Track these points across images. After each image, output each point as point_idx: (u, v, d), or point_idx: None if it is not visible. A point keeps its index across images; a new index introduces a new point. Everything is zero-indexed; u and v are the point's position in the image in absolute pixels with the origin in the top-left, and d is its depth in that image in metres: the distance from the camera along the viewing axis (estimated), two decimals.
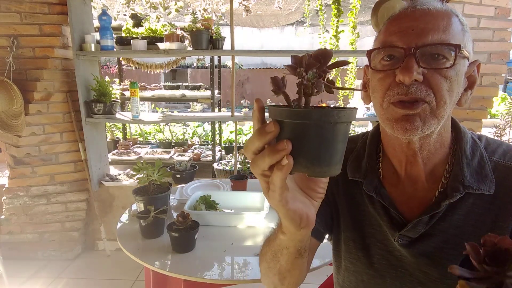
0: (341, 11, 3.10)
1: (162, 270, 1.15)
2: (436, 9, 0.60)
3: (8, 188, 2.52)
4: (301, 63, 0.43)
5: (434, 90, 0.58)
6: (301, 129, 0.41)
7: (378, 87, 0.63)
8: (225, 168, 3.01)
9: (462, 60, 0.60)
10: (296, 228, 0.51)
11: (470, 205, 0.64)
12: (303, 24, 5.22)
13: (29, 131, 2.41)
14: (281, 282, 0.68)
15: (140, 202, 1.48)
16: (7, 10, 2.28)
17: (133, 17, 3.04)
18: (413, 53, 0.57)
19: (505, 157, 0.66)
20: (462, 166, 0.65)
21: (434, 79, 0.58)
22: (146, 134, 4.80)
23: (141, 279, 2.38)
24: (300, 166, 0.42)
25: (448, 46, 0.57)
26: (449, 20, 0.59)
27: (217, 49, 2.45)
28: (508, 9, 2.21)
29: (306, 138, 0.41)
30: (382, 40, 0.63)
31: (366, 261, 0.72)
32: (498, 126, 3.53)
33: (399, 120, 0.60)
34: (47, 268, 2.52)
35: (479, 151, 0.67)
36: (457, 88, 0.61)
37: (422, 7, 0.60)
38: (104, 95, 2.42)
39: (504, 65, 2.27)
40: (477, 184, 0.63)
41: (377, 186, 0.70)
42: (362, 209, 0.73)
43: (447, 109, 0.60)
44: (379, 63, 0.63)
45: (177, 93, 3.53)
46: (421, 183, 0.68)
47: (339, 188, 0.77)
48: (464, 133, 0.68)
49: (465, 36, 0.61)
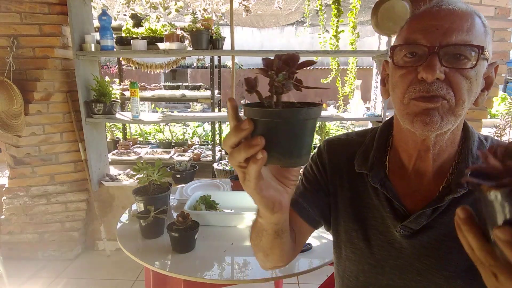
0: (341, 11, 3.09)
1: (162, 270, 1.15)
2: (461, 9, 0.61)
3: (8, 188, 2.52)
4: (271, 66, 0.48)
5: (454, 89, 0.60)
6: (273, 126, 0.46)
7: (399, 83, 0.64)
8: (225, 168, 3.01)
9: (482, 61, 0.61)
10: (270, 212, 0.55)
11: (472, 202, 0.65)
12: (303, 24, 5.22)
13: (29, 131, 2.41)
14: (265, 258, 0.73)
15: (140, 202, 1.48)
16: (7, 10, 2.28)
17: (133, 17, 3.04)
18: (437, 52, 0.58)
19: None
20: (468, 164, 0.67)
21: (455, 78, 0.60)
22: (146, 134, 4.80)
23: (141, 279, 2.38)
24: (273, 158, 0.47)
25: (471, 47, 0.59)
26: (473, 21, 0.60)
27: (217, 49, 2.45)
28: (508, 9, 2.21)
29: (278, 134, 0.46)
30: (406, 36, 0.63)
31: (367, 251, 0.74)
32: (498, 126, 3.52)
33: (420, 114, 0.61)
34: (47, 268, 2.52)
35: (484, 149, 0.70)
36: (476, 88, 0.62)
37: (448, 6, 0.61)
38: (104, 95, 2.42)
39: (504, 65, 2.28)
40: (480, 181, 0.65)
41: (382, 179, 0.72)
42: (367, 201, 0.75)
43: (465, 108, 0.62)
44: (402, 59, 0.64)
45: (177, 93, 3.53)
46: (427, 178, 0.70)
47: (343, 181, 0.79)
48: (472, 133, 0.71)
49: (487, 38, 0.62)
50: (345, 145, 0.82)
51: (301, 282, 2.35)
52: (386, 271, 0.73)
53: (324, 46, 3.44)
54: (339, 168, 0.80)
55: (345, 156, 0.80)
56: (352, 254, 0.77)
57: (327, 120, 3.54)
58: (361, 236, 0.75)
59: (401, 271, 0.71)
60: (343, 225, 0.79)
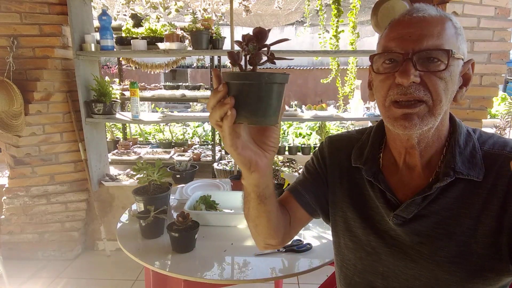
0: (341, 11, 3.10)
1: (162, 270, 1.15)
2: (431, 15, 0.66)
3: (8, 188, 2.52)
4: (244, 39, 0.56)
5: (431, 90, 0.65)
6: (242, 88, 0.54)
7: (380, 88, 0.70)
8: (225, 168, 3.01)
9: (455, 62, 0.66)
10: (247, 171, 0.63)
11: (461, 190, 0.70)
12: (303, 24, 5.22)
13: (29, 131, 2.41)
14: (255, 230, 0.81)
15: (140, 202, 1.48)
16: (7, 10, 2.28)
17: (133, 17, 3.04)
18: (411, 58, 0.64)
19: (494, 146, 0.72)
20: (455, 154, 0.71)
21: (430, 80, 0.65)
22: (146, 134, 4.80)
23: (141, 279, 2.38)
24: (242, 117, 0.55)
25: (442, 50, 0.64)
26: (443, 25, 0.66)
27: (217, 49, 2.45)
28: (508, 9, 2.20)
29: (246, 95, 0.54)
30: (383, 45, 0.70)
31: (365, 238, 0.79)
32: (498, 126, 3.52)
33: (399, 118, 0.67)
34: (47, 268, 2.52)
35: (472, 142, 0.73)
36: (452, 87, 0.67)
37: (418, 14, 0.67)
38: (104, 95, 2.41)
39: (504, 65, 2.27)
40: (467, 171, 0.70)
41: (375, 172, 0.78)
42: (363, 193, 0.81)
43: (443, 106, 0.67)
44: (381, 66, 0.70)
45: (177, 93, 3.53)
46: (417, 172, 0.76)
47: (343, 174, 0.86)
48: (459, 126, 0.75)
49: (458, 39, 0.68)
50: (345, 141, 0.89)
51: (301, 282, 2.35)
52: (382, 258, 0.77)
53: (324, 46, 3.45)
54: (339, 162, 0.86)
55: (345, 151, 0.86)
56: (350, 242, 0.82)
57: (327, 120, 3.54)
58: (359, 224, 0.80)
59: (396, 258, 0.75)
60: (341, 214, 0.84)
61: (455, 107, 2.26)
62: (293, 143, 4.29)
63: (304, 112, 2.72)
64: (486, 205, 0.68)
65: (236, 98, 0.54)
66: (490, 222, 0.68)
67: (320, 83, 4.13)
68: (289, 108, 2.70)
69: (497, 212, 0.67)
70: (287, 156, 3.96)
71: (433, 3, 2.36)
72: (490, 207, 0.68)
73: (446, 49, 0.64)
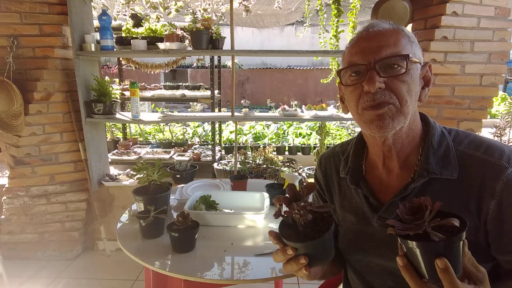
0: (341, 11, 3.09)
1: (162, 270, 1.15)
2: (385, 29, 0.74)
3: (8, 188, 2.52)
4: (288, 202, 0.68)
5: (396, 93, 0.72)
6: (312, 248, 0.66)
7: (351, 98, 0.78)
8: (225, 168, 3.01)
9: (413, 65, 0.73)
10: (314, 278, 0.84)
11: (438, 190, 0.74)
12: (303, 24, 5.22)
13: (29, 131, 2.41)
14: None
15: (140, 202, 1.48)
16: (7, 10, 2.28)
17: (133, 17, 3.03)
18: (373, 67, 0.72)
19: (470, 146, 0.76)
20: (428, 155, 0.76)
21: (393, 84, 0.72)
22: (146, 134, 4.80)
23: (141, 279, 2.38)
24: (313, 264, 0.68)
25: (399, 56, 0.72)
26: (397, 36, 0.74)
27: (217, 49, 2.45)
28: (508, 9, 2.20)
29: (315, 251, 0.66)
30: (347, 60, 0.77)
31: (356, 243, 0.87)
32: (498, 126, 3.52)
33: (373, 120, 0.74)
34: (47, 268, 2.52)
35: (445, 142, 0.78)
36: (415, 88, 0.74)
37: (374, 29, 0.75)
38: (104, 95, 2.41)
39: (504, 65, 2.27)
40: (439, 170, 0.74)
41: (358, 180, 0.85)
42: (351, 201, 0.89)
43: (410, 106, 0.73)
44: (348, 78, 0.77)
45: (177, 93, 3.53)
46: (396, 174, 0.81)
47: (335, 188, 0.95)
48: (433, 127, 0.80)
49: (413, 46, 0.75)
50: (331, 158, 0.98)
51: (301, 282, 2.36)
52: (374, 260, 0.84)
53: (324, 46, 3.44)
54: (330, 178, 0.96)
55: (334, 167, 0.95)
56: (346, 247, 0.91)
57: (327, 120, 3.53)
58: (351, 230, 0.88)
59: (385, 260, 0.81)
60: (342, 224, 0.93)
61: (455, 107, 2.27)
62: (293, 143, 4.29)
63: (304, 112, 2.72)
64: (463, 204, 0.72)
65: (305, 255, 0.66)
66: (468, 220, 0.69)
67: (320, 83, 4.13)
68: (289, 108, 2.70)
69: (474, 210, 0.71)
70: (287, 156, 3.96)
71: (433, 3, 2.35)
72: (467, 205, 0.72)
73: (404, 54, 0.72)
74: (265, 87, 14.63)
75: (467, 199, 0.72)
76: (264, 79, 14.69)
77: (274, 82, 14.61)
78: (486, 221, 0.71)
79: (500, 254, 0.72)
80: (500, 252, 0.72)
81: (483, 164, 0.72)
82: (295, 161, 3.25)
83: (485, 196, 0.70)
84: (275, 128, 5.31)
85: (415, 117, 0.78)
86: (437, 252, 0.54)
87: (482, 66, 2.24)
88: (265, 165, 2.80)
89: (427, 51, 2.21)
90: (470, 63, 2.23)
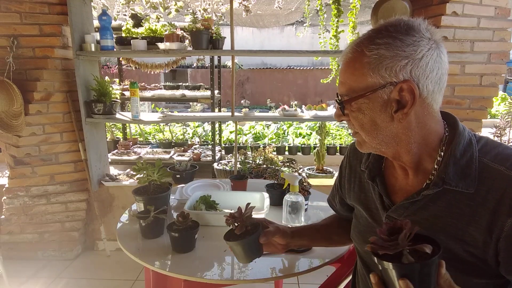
0: (341, 11, 3.09)
1: (162, 270, 1.15)
2: (348, 58, 0.73)
3: (8, 188, 2.52)
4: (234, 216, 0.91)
5: (355, 124, 0.76)
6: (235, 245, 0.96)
7: None
8: (225, 168, 3.01)
9: (362, 100, 0.71)
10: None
11: (451, 200, 0.71)
12: (303, 24, 5.22)
13: (29, 131, 2.41)
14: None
15: (140, 202, 1.48)
16: (7, 10, 2.28)
17: (133, 17, 3.04)
18: (339, 102, 0.76)
19: (495, 159, 0.70)
20: (448, 164, 0.72)
21: (352, 118, 0.76)
22: (146, 134, 4.80)
23: (141, 279, 2.38)
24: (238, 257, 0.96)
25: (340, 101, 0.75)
26: (354, 64, 0.71)
27: (217, 49, 2.45)
28: (508, 9, 2.20)
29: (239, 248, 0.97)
30: None
31: (365, 236, 0.89)
32: (498, 126, 3.51)
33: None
34: (47, 268, 2.52)
35: (470, 151, 0.72)
36: (378, 115, 0.72)
37: (342, 60, 0.75)
38: (104, 95, 2.41)
39: (504, 65, 2.27)
40: (456, 182, 0.70)
41: (375, 176, 0.86)
42: (367, 194, 0.91)
43: (376, 135, 0.74)
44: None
45: (177, 93, 3.53)
46: (412, 176, 0.79)
47: (357, 175, 0.96)
48: (460, 134, 0.74)
49: (378, 67, 0.68)
50: None
51: (301, 282, 2.35)
52: None
53: (324, 46, 3.44)
54: (354, 169, 0.97)
55: (359, 158, 0.95)
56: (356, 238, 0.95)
57: (327, 120, 3.53)
58: (365, 222, 0.90)
59: None
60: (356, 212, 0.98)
61: (455, 107, 2.27)
62: (293, 143, 4.29)
63: (304, 112, 2.72)
64: (475, 218, 0.68)
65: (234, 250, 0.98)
66: (478, 235, 0.68)
67: (320, 83, 4.13)
68: (289, 108, 2.70)
69: (485, 226, 0.67)
70: (287, 156, 3.96)
71: (433, 3, 2.35)
72: (478, 219, 0.68)
73: (341, 99, 0.75)
74: (265, 87, 14.63)
75: (480, 213, 0.68)
76: (264, 79, 14.69)
77: (274, 82, 14.61)
78: (499, 239, 0.66)
79: (509, 274, 0.69)
80: (509, 273, 0.69)
81: (506, 179, 0.67)
82: (295, 161, 3.25)
83: (502, 213, 0.66)
84: (275, 128, 5.31)
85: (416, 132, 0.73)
86: (405, 274, 0.56)
87: (482, 66, 2.24)
88: (265, 165, 2.80)
89: None
90: (470, 63, 2.23)
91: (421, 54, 0.67)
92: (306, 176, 2.83)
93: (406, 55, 0.67)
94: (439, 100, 0.73)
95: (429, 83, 0.69)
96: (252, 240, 0.94)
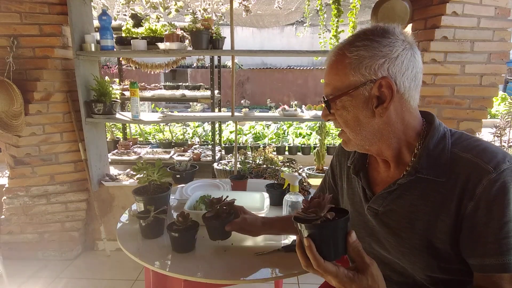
0: (341, 11, 3.09)
1: (162, 270, 1.15)
2: (331, 61, 0.80)
3: (8, 188, 2.52)
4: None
5: (341, 122, 0.82)
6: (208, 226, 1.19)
7: None
8: (225, 168, 3.01)
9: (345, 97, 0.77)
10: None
11: (425, 188, 0.78)
12: (303, 24, 5.22)
13: (29, 131, 2.41)
14: None
15: (140, 202, 1.48)
16: (7, 10, 2.28)
17: (133, 17, 3.04)
18: (324, 102, 0.82)
19: (464, 148, 0.76)
20: (422, 155, 0.78)
21: (337, 116, 0.82)
22: (146, 134, 4.80)
23: (141, 279, 2.38)
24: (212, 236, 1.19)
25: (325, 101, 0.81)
26: (337, 66, 0.78)
27: (217, 49, 2.45)
28: (508, 9, 2.20)
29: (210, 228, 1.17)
30: None
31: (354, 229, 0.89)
32: (498, 126, 3.51)
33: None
34: (47, 268, 2.52)
35: (443, 143, 0.78)
36: (361, 112, 0.78)
37: (326, 63, 0.81)
38: (104, 95, 2.41)
39: (504, 65, 2.27)
40: (427, 171, 0.77)
41: (359, 170, 0.93)
42: (353, 188, 0.97)
43: (359, 131, 0.80)
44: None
45: (177, 93, 3.53)
46: (392, 169, 0.86)
47: (343, 175, 1.03)
48: (435, 129, 0.80)
49: (359, 67, 0.75)
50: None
51: (301, 282, 2.35)
52: (370, 245, 0.91)
53: (324, 46, 3.44)
54: (343, 166, 1.04)
55: (346, 155, 1.02)
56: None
57: None
58: (351, 213, 0.94)
59: (377, 246, 0.88)
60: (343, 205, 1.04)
61: (455, 107, 2.27)
62: (293, 143, 4.28)
63: (304, 112, 2.72)
64: (446, 204, 0.74)
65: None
66: (448, 220, 0.73)
67: (320, 83, 4.13)
68: (289, 108, 2.70)
69: (454, 210, 0.73)
70: (287, 156, 3.96)
71: (433, 3, 2.35)
72: (448, 205, 0.74)
73: (326, 99, 0.80)
74: (265, 87, 14.63)
75: (450, 199, 0.73)
76: (264, 79, 14.69)
77: (274, 82, 14.61)
78: (462, 221, 0.72)
79: (466, 256, 0.73)
80: (466, 254, 0.73)
81: (471, 166, 0.72)
82: (295, 161, 3.25)
83: (465, 197, 0.71)
84: (275, 128, 5.31)
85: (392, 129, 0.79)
86: (310, 234, 0.71)
87: (482, 66, 2.24)
88: (265, 165, 2.80)
89: (427, 51, 2.21)
90: (470, 63, 2.23)
91: (396, 54, 0.74)
92: (306, 176, 2.83)
93: (383, 55, 0.74)
94: (416, 97, 0.79)
95: (405, 80, 0.75)
96: (218, 225, 1.15)
